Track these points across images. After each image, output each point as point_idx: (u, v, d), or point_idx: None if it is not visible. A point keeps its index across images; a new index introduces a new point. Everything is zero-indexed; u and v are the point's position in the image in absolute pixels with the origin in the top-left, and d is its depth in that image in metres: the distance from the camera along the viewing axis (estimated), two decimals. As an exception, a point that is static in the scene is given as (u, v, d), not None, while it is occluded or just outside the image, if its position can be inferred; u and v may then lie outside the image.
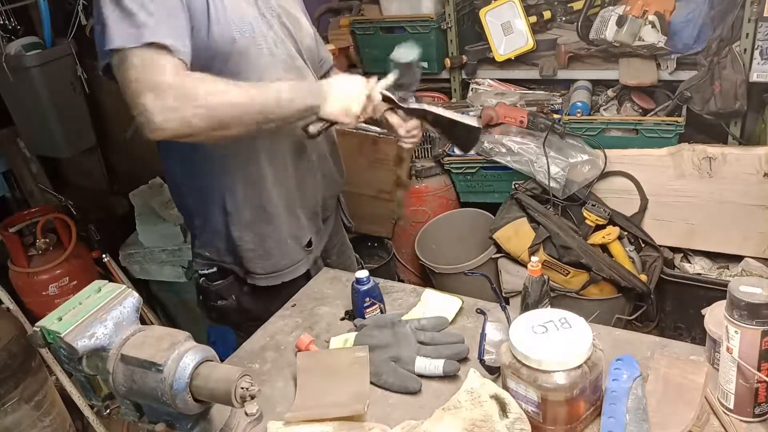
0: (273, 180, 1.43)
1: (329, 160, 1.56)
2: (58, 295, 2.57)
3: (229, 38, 1.27)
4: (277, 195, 1.44)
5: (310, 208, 1.54)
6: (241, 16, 1.29)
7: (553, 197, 2.45)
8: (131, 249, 2.81)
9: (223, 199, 1.41)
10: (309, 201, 1.53)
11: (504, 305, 1.26)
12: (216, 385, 0.94)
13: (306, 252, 1.54)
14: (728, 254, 2.45)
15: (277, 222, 1.46)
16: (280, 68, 1.37)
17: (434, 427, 1.00)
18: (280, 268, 1.49)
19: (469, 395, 1.04)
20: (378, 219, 2.83)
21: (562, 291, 2.37)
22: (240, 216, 1.43)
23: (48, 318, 1.00)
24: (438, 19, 2.85)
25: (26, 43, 2.54)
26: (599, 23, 2.54)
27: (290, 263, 1.50)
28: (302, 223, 1.52)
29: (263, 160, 1.40)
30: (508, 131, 2.58)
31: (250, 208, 1.43)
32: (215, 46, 1.26)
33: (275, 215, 1.45)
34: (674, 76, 2.51)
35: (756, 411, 1.00)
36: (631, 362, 1.05)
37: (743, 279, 0.97)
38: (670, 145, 2.44)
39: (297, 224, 1.51)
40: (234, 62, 1.28)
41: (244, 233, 1.44)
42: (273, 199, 1.44)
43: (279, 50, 1.37)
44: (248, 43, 1.30)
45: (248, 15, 1.32)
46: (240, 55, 1.29)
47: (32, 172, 2.88)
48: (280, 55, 1.38)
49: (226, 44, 1.27)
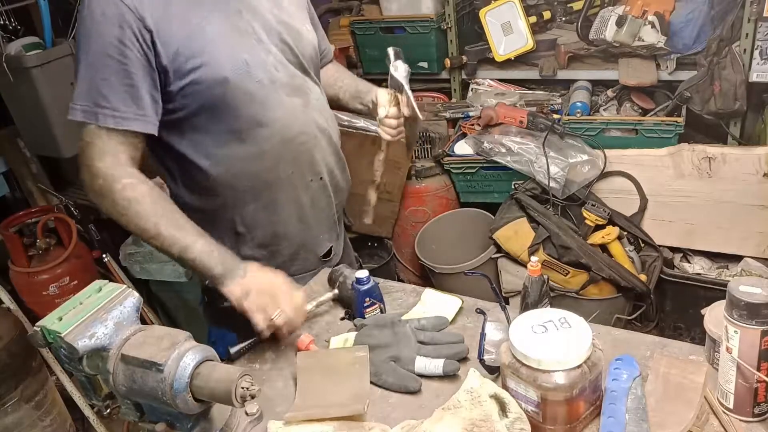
0: (286, 201, 1.43)
1: (336, 172, 1.55)
2: (58, 295, 2.57)
3: (220, 79, 1.25)
4: (290, 214, 1.44)
5: (324, 220, 1.54)
6: (231, 54, 1.27)
7: (553, 197, 2.45)
8: (131, 249, 2.80)
9: (233, 221, 1.40)
10: (323, 214, 1.53)
11: (504, 305, 1.27)
12: (216, 384, 0.94)
13: (322, 262, 1.55)
14: (728, 254, 2.46)
15: (291, 239, 1.46)
16: (282, 93, 1.35)
17: (434, 426, 1.00)
18: (291, 274, 1.48)
19: (468, 395, 1.04)
20: (378, 219, 2.83)
21: (561, 291, 2.37)
22: (252, 236, 1.42)
23: (48, 318, 1.00)
24: (438, 19, 2.85)
25: (26, 44, 2.54)
26: (599, 23, 2.54)
27: (301, 270, 1.50)
28: (318, 236, 1.52)
29: (277, 188, 1.40)
30: (508, 131, 2.58)
31: (263, 228, 1.42)
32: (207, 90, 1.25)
33: (288, 234, 1.45)
34: (674, 77, 2.52)
35: (755, 411, 1.00)
36: (631, 362, 1.05)
37: (743, 279, 0.97)
38: (669, 145, 2.44)
39: (312, 238, 1.51)
40: (229, 98, 1.28)
41: (256, 251, 1.43)
42: (285, 218, 1.44)
43: (280, 74, 1.35)
44: (242, 78, 1.28)
45: (242, 50, 1.29)
46: (235, 92, 1.27)
47: (32, 172, 2.88)
48: (281, 78, 1.35)
49: (218, 85, 1.25)
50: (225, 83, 1.26)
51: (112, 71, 1.19)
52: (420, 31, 2.85)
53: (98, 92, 1.19)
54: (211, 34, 1.25)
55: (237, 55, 1.28)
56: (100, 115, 1.19)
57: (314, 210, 1.49)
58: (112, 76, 1.19)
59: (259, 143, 1.34)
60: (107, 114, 1.19)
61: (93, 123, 1.20)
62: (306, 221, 1.48)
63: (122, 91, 1.19)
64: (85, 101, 1.20)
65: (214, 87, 1.25)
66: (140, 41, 1.18)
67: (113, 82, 1.19)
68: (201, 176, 1.34)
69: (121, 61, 1.18)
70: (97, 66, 1.19)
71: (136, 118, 1.21)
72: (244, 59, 1.28)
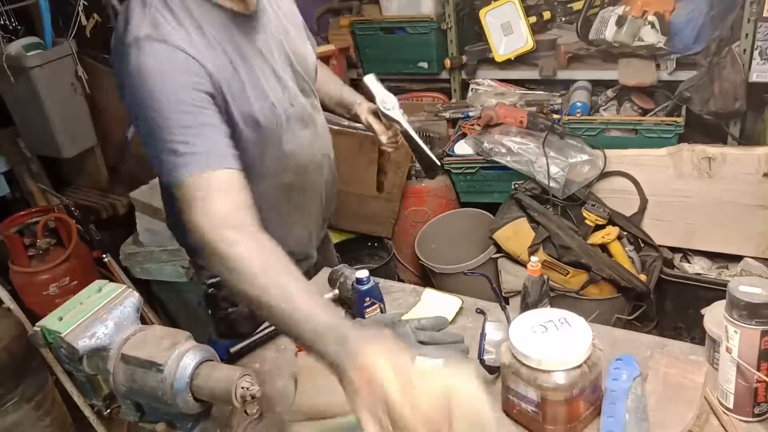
0: (290, 215, 1.45)
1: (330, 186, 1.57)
2: (58, 295, 2.56)
3: (253, 124, 1.24)
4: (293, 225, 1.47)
5: (320, 224, 1.59)
6: (264, 98, 1.25)
7: (553, 197, 2.45)
8: (132, 249, 2.80)
9: None
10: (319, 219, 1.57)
11: (504, 305, 1.27)
12: (216, 384, 0.94)
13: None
14: (728, 254, 2.45)
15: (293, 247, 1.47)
16: (296, 128, 1.35)
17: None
18: None
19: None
20: (378, 219, 2.84)
21: (561, 291, 2.37)
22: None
23: (49, 318, 1.00)
24: (438, 20, 2.85)
25: (27, 44, 2.53)
26: (599, 23, 2.54)
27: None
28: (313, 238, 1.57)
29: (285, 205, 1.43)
30: (508, 131, 2.58)
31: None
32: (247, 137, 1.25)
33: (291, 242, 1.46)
34: (674, 77, 2.52)
35: (755, 410, 1.00)
36: (631, 362, 1.05)
37: (743, 279, 0.98)
38: (669, 145, 2.44)
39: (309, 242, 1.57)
40: (260, 141, 1.27)
41: None
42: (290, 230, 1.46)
43: (294, 108, 1.34)
44: (270, 121, 1.27)
45: (269, 94, 1.26)
46: (263, 136, 1.27)
47: (32, 172, 2.88)
48: (294, 113, 1.34)
49: (251, 130, 1.24)
50: (257, 127, 1.25)
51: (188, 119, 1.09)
52: (420, 32, 2.85)
53: (183, 141, 1.07)
54: (266, 88, 1.26)
55: (266, 99, 1.26)
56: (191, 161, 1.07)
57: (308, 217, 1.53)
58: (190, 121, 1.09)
59: (272, 180, 1.36)
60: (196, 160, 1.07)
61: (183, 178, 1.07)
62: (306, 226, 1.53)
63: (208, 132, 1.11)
64: (168, 156, 1.07)
65: (251, 132, 1.25)
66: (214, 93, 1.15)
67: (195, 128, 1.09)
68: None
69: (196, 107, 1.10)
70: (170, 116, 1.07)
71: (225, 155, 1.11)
72: (271, 102, 1.27)
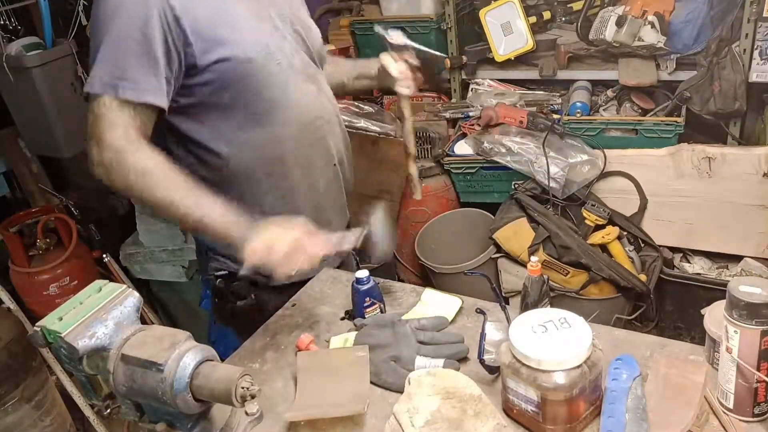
0: (303, 188, 1.44)
1: (346, 162, 1.57)
2: (58, 294, 2.57)
3: (245, 58, 1.28)
4: (306, 201, 1.45)
5: (336, 207, 1.56)
6: (254, 36, 1.31)
7: (553, 197, 2.45)
8: (132, 249, 2.81)
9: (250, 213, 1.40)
10: (335, 201, 1.55)
11: (504, 305, 1.27)
12: (216, 384, 0.94)
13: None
14: (728, 254, 2.45)
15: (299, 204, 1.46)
16: (300, 79, 1.39)
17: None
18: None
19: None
20: (378, 219, 2.83)
21: (561, 291, 2.37)
22: None
23: (48, 318, 1.00)
24: (438, 20, 2.85)
25: (27, 44, 2.54)
26: (599, 23, 2.54)
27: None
28: (330, 222, 1.52)
29: (295, 174, 1.42)
30: (508, 131, 2.58)
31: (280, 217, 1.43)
32: (233, 68, 1.28)
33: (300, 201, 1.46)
34: (674, 77, 2.51)
35: (755, 411, 1.00)
36: (631, 362, 1.05)
37: (743, 279, 0.97)
38: (669, 145, 2.44)
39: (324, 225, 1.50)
40: (253, 79, 1.30)
41: None
42: (302, 206, 1.44)
43: (296, 60, 1.39)
44: (265, 60, 1.31)
45: (263, 34, 1.33)
46: (258, 73, 1.31)
47: (32, 172, 2.88)
48: (297, 64, 1.40)
49: (243, 65, 1.28)
50: (250, 63, 1.29)
51: (134, 50, 1.19)
52: (420, 32, 2.85)
53: (119, 66, 1.19)
54: (235, 16, 1.29)
55: (259, 38, 1.32)
56: (120, 87, 1.19)
57: (327, 197, 1.51)
58: (135, 53, 1.19)
59: (278, 127, 1.37)
60: (126, 87, 1.19)
61: (110, 95, 1.19)
62: (320, 208, 1.49)
63: (144, 66, 1.20)
64: (105, 74, 1.20)
65: (239, 66, 1.28)
66: (165, 22, 1.20)
67: (135, 59, 1.20)
68: (219, 164, 1.35)
69: (144, 41, 1.19)
70: (119, 44, 1.20)
71: (155, 91, 1.22)
72: (265, 42, 1.33)
